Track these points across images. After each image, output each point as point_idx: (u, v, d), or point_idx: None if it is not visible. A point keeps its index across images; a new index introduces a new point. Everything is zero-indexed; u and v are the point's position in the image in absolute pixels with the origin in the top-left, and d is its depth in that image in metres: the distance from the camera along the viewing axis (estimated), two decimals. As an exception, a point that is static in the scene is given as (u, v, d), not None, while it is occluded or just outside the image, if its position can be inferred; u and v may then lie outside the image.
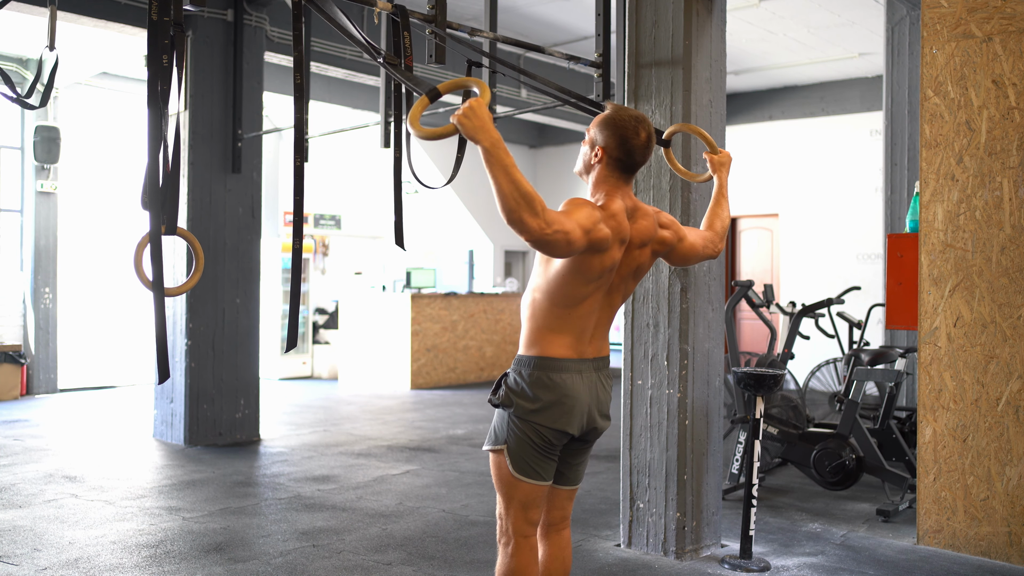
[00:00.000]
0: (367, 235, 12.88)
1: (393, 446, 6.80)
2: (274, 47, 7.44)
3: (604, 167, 2.50)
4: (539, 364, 2.46)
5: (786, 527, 4.66)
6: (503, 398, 2.49)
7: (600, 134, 2.50)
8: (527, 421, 2.45)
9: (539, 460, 2.48)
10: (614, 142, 2.47)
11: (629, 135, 2.46)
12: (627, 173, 2.51)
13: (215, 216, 6.80)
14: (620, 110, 2.51)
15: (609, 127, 2.48)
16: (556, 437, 2.47)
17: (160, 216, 2.57)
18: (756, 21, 8.46)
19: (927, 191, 4.34)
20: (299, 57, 2.80)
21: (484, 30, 4.55)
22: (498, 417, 2.53)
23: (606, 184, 2.50)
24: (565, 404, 2.45)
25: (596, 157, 2.51)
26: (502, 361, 11.76)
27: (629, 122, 2.47)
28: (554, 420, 2.45)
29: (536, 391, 2.44)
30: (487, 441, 2.55)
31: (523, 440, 2.46)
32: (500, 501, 2.55)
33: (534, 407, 2.44)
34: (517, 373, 2.49)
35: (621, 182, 2.51)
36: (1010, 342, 4.09)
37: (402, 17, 3.17)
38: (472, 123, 2.17)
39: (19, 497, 5.07)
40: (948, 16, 4.28)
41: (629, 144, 2.47)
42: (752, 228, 11.65)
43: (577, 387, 2.47)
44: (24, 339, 9.43)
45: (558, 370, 2.45)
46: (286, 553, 4.10)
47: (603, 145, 2.49)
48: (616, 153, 2.48)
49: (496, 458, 2.51)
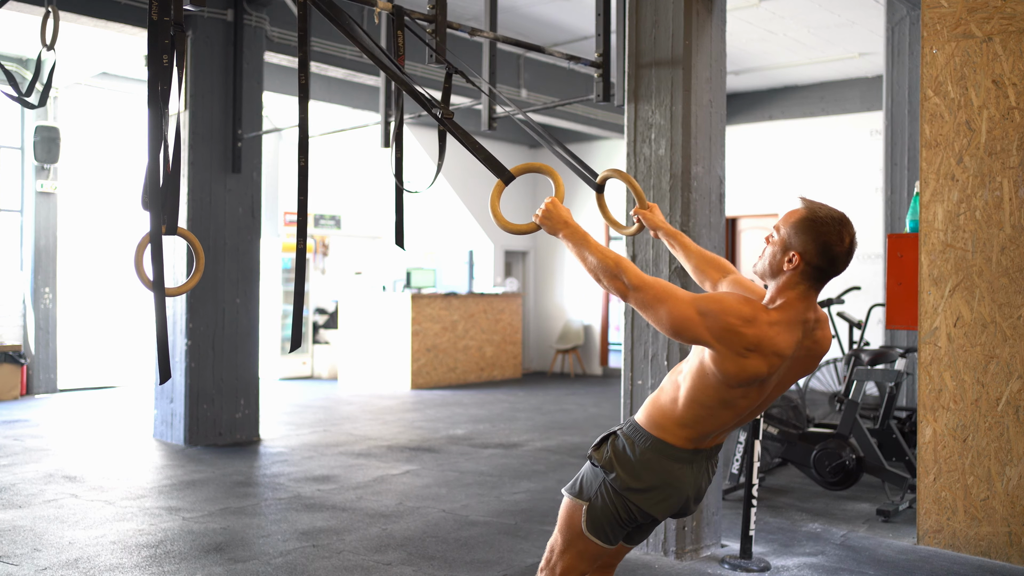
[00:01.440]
0: (367, 235, 12.87)
1: (393, 446, 6.80)
2: (274, 47, 7.44)
3: (796, 274, 2.18)
4: (656, 447, 2.29)
5: (786, 527, 4.66)
6: (606, 462, 2.33)
7: (797, 238, 2.16)
8: (621, 495, 2.30)
9: (616, 529, 2.35)
10: (815, 249, 2.14)
11: (833, 242, 2.14)
12: (822, 282, 2.20)
13: (215, 216, 6.80)
14: (819, 209, 2.18)
15: (810, 232, 2.15)
16: (643, 516, 2.34)
17: (160, 216, 2.57)
18: (756, 21, 8.46)
19: (927, 191, 4.34)
20: (303, 58, 2.79)
21: (484, 30, 4.55)
22: (591, 472, 2.37)
23: (792, 292, 2.20)
24: (667, 492, 2.30)
25: (790, 264, 2.17)
26: (502, 361, 11.76)
27: (833, 226, 2.15)
28: (650, 505, 2.30)
29: (643, 471, 2.29)
30: (570, 487, 2.41)
31: (609, 509, 2.32)
32: (559, 539, 2.43)
33: (635, 486, 2.29)
34: (629, 443, 2.32)
35: (811, 292, 2.20)
36: (1010, 342, 4.09)
37: (396, 17, 3.18)
38: (552, 224, 2.35)
39: (19, 497, 5.07)
40: (948, 16, 4.28)
41: (832, 252, 2.15)
42: (752, 228, 11.64)
43: (685, 478, 2.31)
44: (24, 339, 9.43)
45: (672, 459, 2.28)
46: (286, 553, 4.10)
47: (800, 251, 2.15)
48: (816, 261, 2.15)
49: (572, 506, 2.38)
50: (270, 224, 11.57)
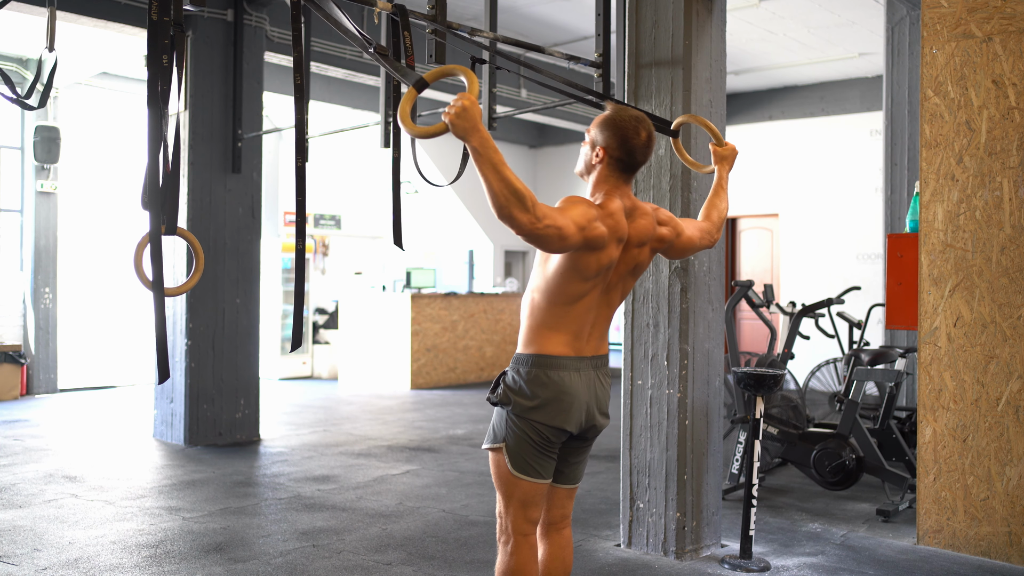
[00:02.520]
0: (367, 235, 12.88)
1: (393, 446, 6.80)
2: (274, 47, 7.44)
3: (605, 167, 2.51)
4: (537, 362, 2.46)
5: (786, 527, 4.66)
6: (501, 396, 2.49)
7: (601, 134, 2.51)
8: (525, 419, 2.45)
9: (538, 458, 2.48)
10: (615, 142, 2.48)
11: (630, 135, 2.48)
12: (627, 173, 2.52)
13: (215, 216, 6.80)
14: (620, 110, 2.52)
15: (610, 127, 2.49)
16: (554, 435, 2.48)
17: (160, 216, 2.57)
18: (756, 21, 8.46)
19: (927, 191, 4.34)
20: (299, 58, 2.79)
21: (484, 30, 4.55)
22: (497, 415, 2.54)
23: (606, 184, 2.52)
24: (563, 401, 2.45)
25: (597, 157, 2.52)
26: (502, 361, 11.76)
27: (630, 122, 2.49)
28: (552, 418, 2.45)
29: (534, 389, 2.45)
30: (486, 440, 2.55)
31: (522, 438, 2.46)
32: (500, 499, 2.55)
33: (532, 404, 2.44)
34: (515, 371, 2.50)
35: (621, 182, 2.52)
36: (1010, 342, 4.09)
37: (402, 16, 3.17)
38: (463, 123, 2.15)
39: (19, 497, 5.07)
40: (948, 16, 4.28)
41: (630, 144, 2.48)
42: (752, 228, 11.65)
43: (575, 384, 2.48)
44: (24, 339, 9.43)
45: (556, 368, 2.46)
46: (286, 553, 4.10)
47: (604, 145, 2.50)
48: (617, 153, 2.49)
49: (495, 456, 2.52)
50: (270, 224, 11.57)
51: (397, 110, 2.32)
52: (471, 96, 2.17)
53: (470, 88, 2.21)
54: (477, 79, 2.25)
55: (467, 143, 2.16)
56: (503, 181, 2.15)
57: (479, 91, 2.29)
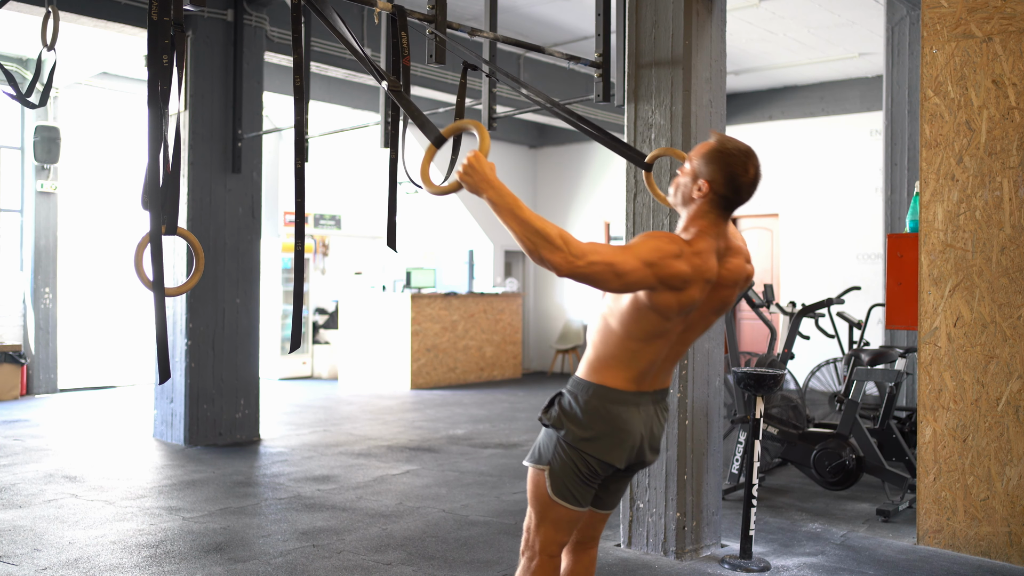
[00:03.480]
0: (367, 235, 12.87)
1: (393, 446, 6.80)
2: (274, 47, 7.44)
3: (706, 202, 2.33)
4: (598, 393, 2.35)
5: (786, 527, 4.66)
6: (555, 420, 2.38)
7: (706, 167, 2.32)
8: (575, 448, 2.35)
9: (580, 487, 2.39)
10: (721, 177, 2.30)
11: (738, 171, 2.30)
12: (728, 211, 2.35)
13: (215, 216, 6.80)
14: (727, 141, 2.33)
15: (716, 161, 2.31)
16: (602, 468, 2.38)
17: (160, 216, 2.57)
18: (756, 21, 8.46)
19: (927, 191, 4.34)
20: (299, 59, 2.80)
21: (484, 30, 4.55)
22: (545, 436, 2.43)
23: (703, 220, 2.34)
24: (617, 437, 2.35)
25: (699, 191, 2.33)
26: (502, 361, 11.76)
27: (738, 156, 2.31)
28: (604, 452, 2.35)
29: (590, 420, 2.34)
30: (529, 456, 2.45)
31: (568, 465, 2.37)
32: (531, 515, 2.46)
33: (585, 436, 2.34)
34: (573, 397, 2.38)
35: (720, 220, 2.35)
36: (1010, 342, 4.09)
37: (399, 17, 3.17)
38: (473, 179, 2.20)
39: (19, 497, 5.07)
40: (948, 16, 4.28)
41: (738, 181, 2.30)
42: (752, 228, 11.65)
43: (633, 420, 2.37)
44: (24, 339, 9.43)
45: (616, 402, 2.35)
46: (286, 553, 4.10)
47: (708, 179, 2.31)
48: (722, 189, 2.31)
49: (536, 475, 2.43)
50: (270, 224, 11.57)
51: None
52: (479, 152, 2.23)
53: (481, 145, 2.28)
54: (488, 134, 2.33)
55: (482, 198, 2.20)
56: (523, 225, 2.13)
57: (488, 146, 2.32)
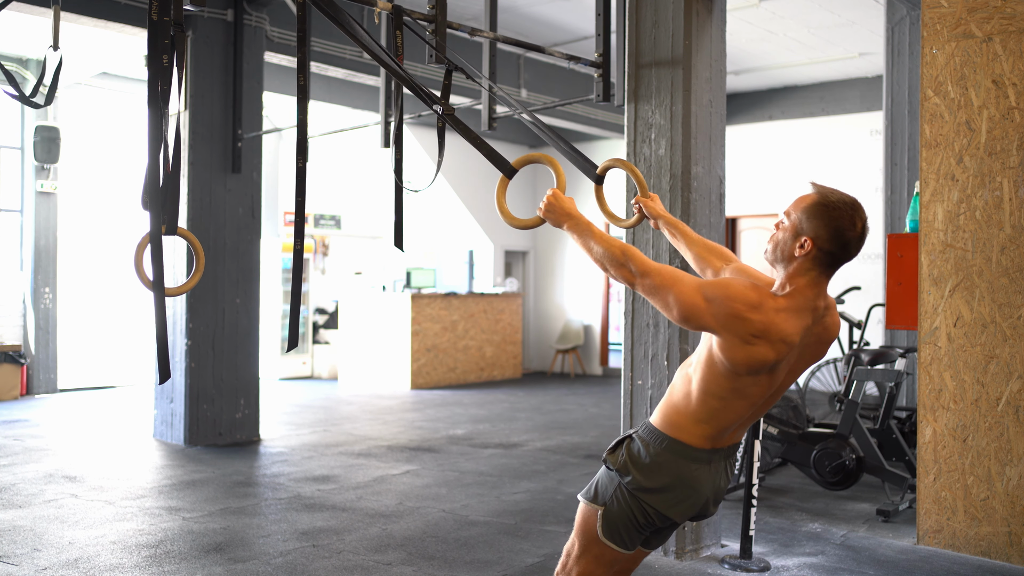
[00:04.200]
0: (367, 235, 12.87)
1: (393, 446, 6.80)
2: (274, 47, 7.44)
3: (808, 260, 2.14)
4: (672, 447, 2.24)
5: (786, 527, 4.66)
6: (621, 465, 2.29)
7: (809, 223, 2.12)
8: (637, 498, 2.26)
9: (632, 533, 2.30)
10: (827, 234, 2.10)
11: (845, 227, 2.10)
12: (833, 269, 2.16)
13: (215, 216, 6.80)
14: (831, 194, 2.14)
15: (822, 217, 2.11)
16: (660, 520, 2.29)
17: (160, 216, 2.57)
18: (756, 21, 8.46)
19: (927, 191, 4.34)
20: (302, 59, 2.80)
21: (484, 30, 4.55)
22: (606, 476, 2.34)
23: (803, 279, 2.16)
24: (683, 493, 2.25)
25: (802, 249, 2.13)
26: (502, 361, 11.75)
27: (845, 211, 2.11)
28: (667, 507, 2.26)
29: (658, 472, 2.24)
30: (585, 492, 2.37)
31: (624, 512, 2.28)
32: (576, 544, 2.38)
33: (651, 487, 2.25)
34: (644, 444, 2.28)
35: (822, 279, 2.16)
36: (1010, 342, 4.09)
37: (396, 16, 3.18)
38: (554, 216, 2.35)
39: (19, 497, 5.07)
40: (948, 16, 4.28)
41: (845, 237, 2.10)
42: (752, 228, 11.64)
43: (703, 478, 2.26)
44: (24, 339, 9.43)
45: (689, 459, 2.24)
46: (286, 553, 4.10)
47: (812, 236, 2.11)
48: (828, 247, 2.11)
49: (588, 511, 2.34)
50: (270, 224, 11.57)
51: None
52: (556, 190, 2.37)
53: (557, 182, 2.42)
54: (563, 171, 2.46)
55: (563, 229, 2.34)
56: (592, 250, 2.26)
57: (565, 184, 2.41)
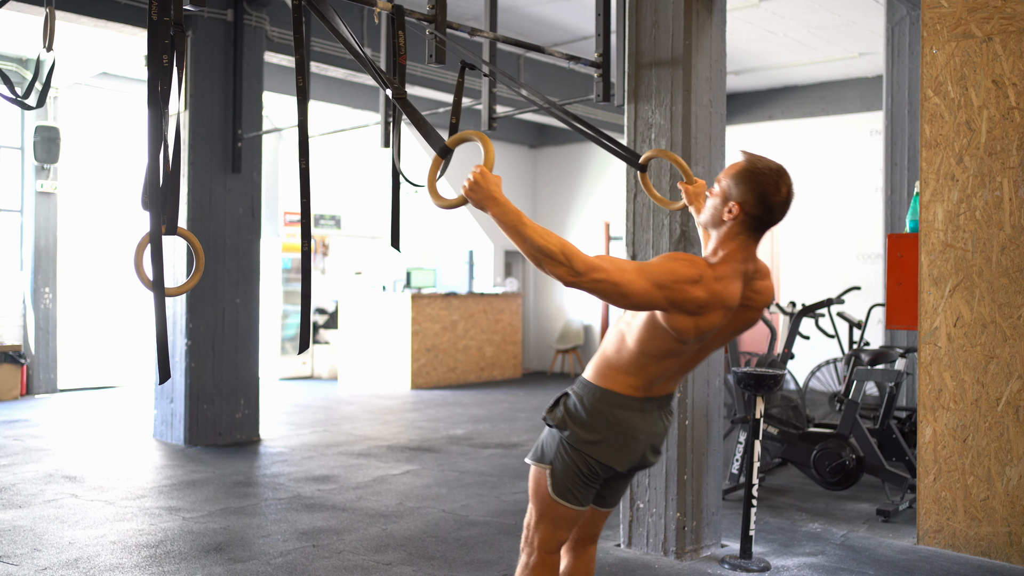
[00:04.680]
0: (367, 235, 12.87)
1: (393, 446, 6.80)
2: (274, 47, 7.44)
3: (736, 224, 2.27)
4: (604, 397, 2.35)
5: (786, 527, 4.66)
6: (559, 421, 2.39)
7: (736, 188, 2.26)
8: (578, 450, 2.36)
9: (581, 488, 2.39)
10: (752, 198, 2.24)
11: (770, 191, 2.24)
12: (760, 232, 2.29)
13: (215, 216, 6.80)
14: (758, 161, 2.28)
15: (748, 181, 2.25)
16: (603, 470, 2.39)
17: (160, 216, 2.57)
18: (756, 21, 8.46)
19: (927, 191, 4.34)
20: (301, 60, 2.79)
21: (484, 30, 4.55)
22: (548, 435, 2.44)
23: (732, 243, 2.29)
24: (621, 442, 2.36)
25: (730, 213, 2.27)
26: (502, 361, 11.75)
27: (770, 176, 2.24)
28: (607, 456, 2.35)
29: (594, 423, 2.34)
30: (532, 454, 2.46)
31: (569, 466, 2.37)
32: (532, 512, 2.48)
33: (589, 439, 2.34)
34: (579, 399, 2.38)
35: (751, 242, 2.29)
36: (1010, 342, 4.09)
37: (397, 16, 3.18)
38: (478, 195, 2.19)
39: (19, 497, 5.07)
40: (948, 16, 4.28)
41: (770, 201, 2.24)
42: (752, 228, 11.65)
43: (637, 425, 2.37)
44: (24, 339, 9.43)
45: (622, 407, 2.34)
46: (286, 553, 4.10)
47: (739, 201, 2.25)
48: (754, 211, 2.25)
49: (537, 473, 2.44)
50: (270, 224, 11.57)
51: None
52: (484, 167, 2.20)
53: (485, 157, 2.26)
54: (493, 147, 2.29)
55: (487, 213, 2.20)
56: (526, 241, 2.12)
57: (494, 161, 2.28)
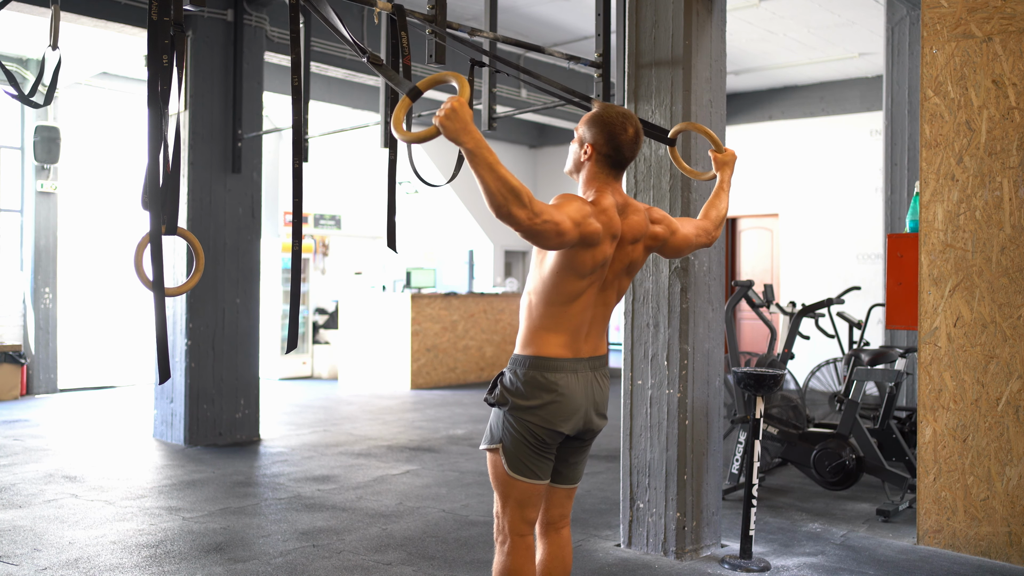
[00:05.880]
0: (367, 235, 12.87)
1: (393, 446, 6.80)
2: (274, 47, 7.44)
3: (594, 164, 2.53)
4: (534, 364, 2.47)
5: (786, 527, 4.66)
6: (498, 397, 2.50)
7: (588, 131, 2.53)
8: (522, 420, 2.46)
9: (534, 459, 2.49)
10: (603, 139, 2.50)
11: (617, 131, 2.49)
12: (616, 169, 2.54)
13: (215, 216, 6.80)
14: (607, 108, 2.55)
15: (597, 124, 2.51)
16: (550, 436, 2.48)
17: (160, 216, 2.57)
18: (756, 21, 8.46)
19: (927, 191, 4.34)
20: (296, 59, 2.79)
21: (484, 30, 4.55)
22: (494, 416, 2.54)
23: (596, 181, 2.53)
24: (560, 404, 2.46)
25: (586, 154, 2.54)
26: (502, 361, 11.75)
27: (616, 118, 2.51)
28: (548, 420, 2.46)
29: (531, 390, 2.46)
30: (484, 440, 2.56)
31: (518, 439, 2.47)
32: (497, 500, 2.56)
33: (528, 405, 2.45)
34: (512, 372, 2.50)
35: (611, 178, 2.54)
36: (1010, 342, 4.09)
37: (399, 16, 3.18)
38: (454, 125, 2.15)
39: (19, 497, 5.07)
40: (948, 16, 4.28)
41: (617, 140, 2.50)
42: (752, 228, 11.65)
43: (572, 387, 2.49)
44: (24, 339, 9.43)
45: (553, 370, 2.46)
46: (286, 553, 4.10)
47: (592, 142, 2.52)
48: (605, 149, 2.51)
49: (492, 457, 2.53)
50: (270, 224, 11.57)
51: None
52: (461, 98, 2.18)
53: (461, 91, 2.24)
54: (468, 83, 2.28)
55: (459, 145, 2.16)
56: (499, 180, 2.16)
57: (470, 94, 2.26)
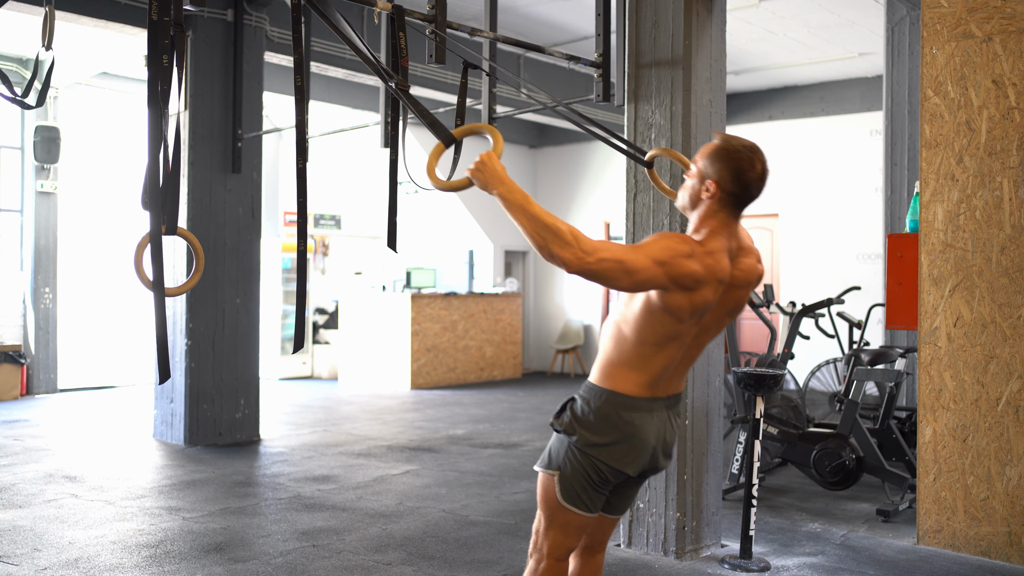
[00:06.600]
0: (367, 235, 12.87)
1: (393, 446, 6.80)
2: (274, 47, 7.44)
3: (715, 202, 2.32)
4: (611, 399, 2.33)
5: (786, 527, 4.66)
6: (567, 426, 2.37)
7: (711, 167, 2.31)
8: (587, 455, 2.34)
9: (591, 493, 2.38)
10: (728, 176, 2.29)
11: (745, 167, 2.29)
12: (738, 209, 2.34)
13: (215, 216, 6.80)
14: (732, 139, 2.34)
15: (722, 159, 2.30)
16: (614, 475, 2.37)
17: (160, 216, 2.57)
18: (756, 21, 8.46)
19: (927, 191, 4.34)
20: (299, 59, 2.79)
21: (484, 30, 4.55)
22: (556, 441, 2.42)
23: (713, 220, 2.33)
24: (631, 444, 2.34)
25: (707, 192, 2.32)
26: (502, 361, 11.76)
27: (744, 152, 2.30)
28: (616, 460, 2.34)
29: (603, 426, 2.33)
30: (540, 461, 2.45)
31: (578, 471, 2.36)
32: (541, 518, 2.46)
33: (598, 442, 2.33)
34: (585, 402, 2.37)
35: (730, 218, 2.34)
36: (1010, 342, 4.09)
37: (398, 17, 3.18)
38: (484, 177, 2.21)
39: (19, 497, 5.07)
40: (948, 16, 4.28)
41: (745, 178, 2.29)
42: (752, 228, 11.64)
43: (646, 427, 2.35)
44: (24, 339, 9.43)
45: (630, 408, 2.33)
46: (286, 553, 4.10)
47: (716, 179, 2.30)
48: (730, 188, 2.30)
49: (546, 479, 2.42)
50: (270, 224, 11.57)
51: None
52: (493, 153, 2.24)
53: (494, 146, 2.30)
54: (502, 138, 2.33)
55: (493, 195, 2.20)
56: (532, 219, 2.12)
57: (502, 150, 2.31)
